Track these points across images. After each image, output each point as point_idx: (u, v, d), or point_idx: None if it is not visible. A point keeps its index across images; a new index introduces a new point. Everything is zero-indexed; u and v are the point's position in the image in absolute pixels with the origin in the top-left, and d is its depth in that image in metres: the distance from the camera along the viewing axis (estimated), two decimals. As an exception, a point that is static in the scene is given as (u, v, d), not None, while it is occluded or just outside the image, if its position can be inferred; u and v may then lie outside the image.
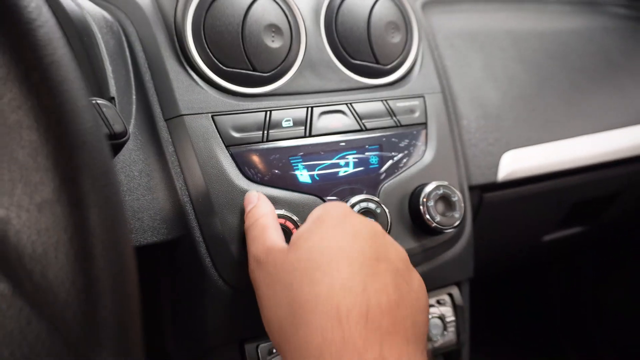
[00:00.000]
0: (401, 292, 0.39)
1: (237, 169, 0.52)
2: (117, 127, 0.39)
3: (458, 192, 0.58)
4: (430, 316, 0.63)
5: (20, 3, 0.21)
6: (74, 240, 0.21)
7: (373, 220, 0.46)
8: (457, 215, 0.58)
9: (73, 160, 0.21)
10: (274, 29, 0.55)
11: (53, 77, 0.21)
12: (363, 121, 0.59)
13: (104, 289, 0.21)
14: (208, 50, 0.53)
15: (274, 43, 0.55)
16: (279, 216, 0.50)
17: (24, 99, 0.20)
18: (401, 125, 0.61)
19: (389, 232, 0.54)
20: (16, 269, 0.20)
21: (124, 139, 0.40)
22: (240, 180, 0.52)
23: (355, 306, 0.36)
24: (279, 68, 0.56)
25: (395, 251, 0.42)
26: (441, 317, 0.64)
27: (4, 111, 0.20)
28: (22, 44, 0.21)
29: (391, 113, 0.61)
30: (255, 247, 0.45)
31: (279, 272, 0.41)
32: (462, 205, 0.58)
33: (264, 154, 0.54)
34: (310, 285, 0.38)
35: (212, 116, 0.53)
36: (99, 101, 0.39)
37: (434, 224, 0.56)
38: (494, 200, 0.73)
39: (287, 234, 0.50)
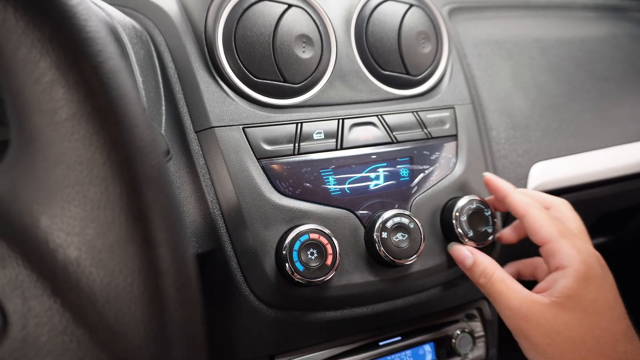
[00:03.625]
0: None
1: (268, 182, 0.52)
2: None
3: (491, 207, 0.57)
4: (459, 331, 0.62)
5: (88, 36, 0.20)
6: (148, 282, 0.20)
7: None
8: (489, 230, 0.56)
9: (144, 197, 0.20)
10: (304, 40, 0.55)
11: (122, 110, 0.20)
12: (394, 133, 0.58)
13: (178, 331, 0.21)
14: (239, 62, 0.53)
15: (305, 54, 0.55)
16: (312, 231, 0.50)
17: (95, 136, 0.20)
18: (432, 137, 0.60)
19: (421, 248, 0.54)
20: (91, 314, 0.19)
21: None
22: (272, 194, 0.51)
23: (637, 349, 0.45)
24: (309, 79, 0.55)
25: None
26: (470, 333, 0.63)
27: (76, 148, 0.20)
28: (91, 78, 0.20)
29: (422, 125, 0.60)
30: (507, 300, 0.48)
31: (555, 327, 0.46)
32: (495, 220, 0.57)
33: (295, 166, 0.53)
34: (595, 339, 0.45)
35: (243, 128, 0.52)
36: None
37: (467, 239, 0.55)
38: (521, 212, 0.72)
39: (321, 248, 0.49)
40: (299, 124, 0.54)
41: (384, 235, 0.52)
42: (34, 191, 0.20)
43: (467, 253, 0.54)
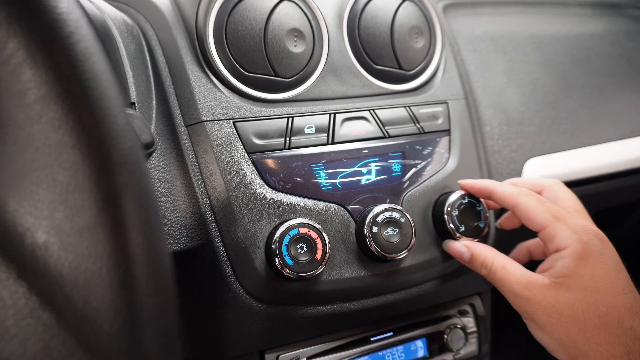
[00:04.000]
0: None
1: (258, 176, 0.51)
2: (145, 138, 0.38)
3: (483, 202, 0.57)
4: (452, 326, 0.62)
5: (59, 17, 0.20)
6: (118, 267, 0.20)
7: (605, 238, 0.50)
8: (482, 225, 0.56)
9: (114, 181, 0.20)
10: (296, 34, 0.54)
11: (93, 93, 0.20)
12: (386, 128, 0.58)
13: (149, 317, 0.20)
14: (230, 55, 0.52)
15: (296, 48, 0.54)
16: (302, 225, 0.49)
17: (65, 118, 0.20)
18: (424, 132, 0.60)
19: (412, 242, 0.53)
20: (58, 298, 0.19)
21: (151, 149, 0.39)
22: (262, 188, 0.51)
23: None
24: (301, 73, 0.55)
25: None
26: (463, 328, 0.62)
27: (45, 130, 0.19)
28: (62, 59, 0.20)
29: (414, 120, 0.59)
30: (510, 286, 0.49)
31: (556, 307, 0.46)
32: (487, 214, 0.57)
33: (286, 161, 0.53)
34: (599, 317, 0.45)
35: (233, 122, 0.52)
36: (127, 111, 0.38)
37: (458, 234, 0.55)
38: (516, 208, 0.72)
39: (311, 243, 0.49)
40: (290, 119, 0.54)
41: (375, 229, 0.52)
42: (2, 175, 0.20)
43: (462, 248, 0.54)
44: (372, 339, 0.59)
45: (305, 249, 0.49)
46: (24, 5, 0.19)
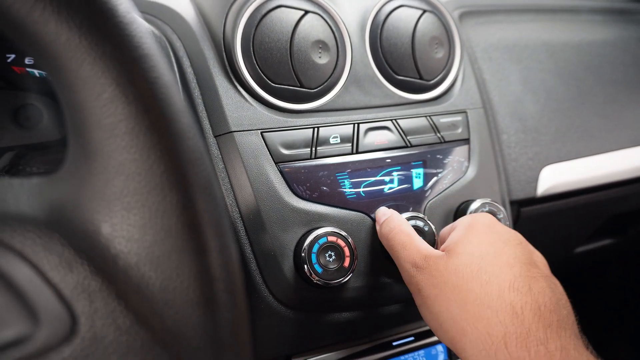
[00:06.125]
0: (556, 294, 0.44)
1: (286, 185, 0.53)
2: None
3: (503, 209, 0.58)
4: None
5: (144, 53, 0.21)
6: (203, 287, 0.21)
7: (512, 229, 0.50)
8: None
9: (197, 206, 0.21)
10: (320, 45, 0.56)
11: (177, 125, 0.21)
12: (408, 137, 0.59)
13: (230, 333, 0.22)
14: (257, 67, 0.54)
15: (321, 59, 0.56)
16: (330, 234, 0.51)
17: (154, 148, 0.21)
18: (444, 141, 0.61)
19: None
20: (151, 315, 0.20)
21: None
22: (290, 197, 0.52)
23: (526, 304, 0.42)
24: (325, 84, 0.56)
25: (539, 258, 0.49)
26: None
27: (136, 160, 0.21)
28: (149, 94, 0.21)
29: (435, 129, 0.61)
30: (409, 254, 0.49)
31: (444, 275, 0.45)
32: (508, 222, 0.58)
33: (312, 170, 0.54)
34: (480, 287, 0.43)
35: (261, 133, 0.53)
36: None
37: None
38: (531, 215, 0.73)
39: (339, 251, 0.50)
40: (316, 129, 0.55)
41: (400, 237, 0.53)
42: (95, 200, 0.21)
43: (386, 211, 0.55)
44: (394, 343, 0.60)
45: (333, 257, 0.50)
46: (115, 44, 0.21)
